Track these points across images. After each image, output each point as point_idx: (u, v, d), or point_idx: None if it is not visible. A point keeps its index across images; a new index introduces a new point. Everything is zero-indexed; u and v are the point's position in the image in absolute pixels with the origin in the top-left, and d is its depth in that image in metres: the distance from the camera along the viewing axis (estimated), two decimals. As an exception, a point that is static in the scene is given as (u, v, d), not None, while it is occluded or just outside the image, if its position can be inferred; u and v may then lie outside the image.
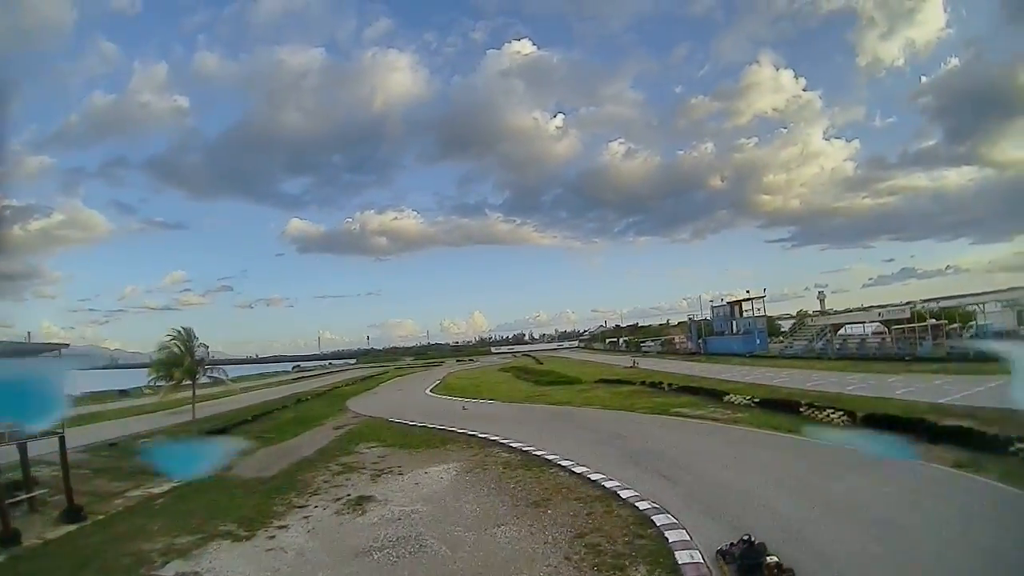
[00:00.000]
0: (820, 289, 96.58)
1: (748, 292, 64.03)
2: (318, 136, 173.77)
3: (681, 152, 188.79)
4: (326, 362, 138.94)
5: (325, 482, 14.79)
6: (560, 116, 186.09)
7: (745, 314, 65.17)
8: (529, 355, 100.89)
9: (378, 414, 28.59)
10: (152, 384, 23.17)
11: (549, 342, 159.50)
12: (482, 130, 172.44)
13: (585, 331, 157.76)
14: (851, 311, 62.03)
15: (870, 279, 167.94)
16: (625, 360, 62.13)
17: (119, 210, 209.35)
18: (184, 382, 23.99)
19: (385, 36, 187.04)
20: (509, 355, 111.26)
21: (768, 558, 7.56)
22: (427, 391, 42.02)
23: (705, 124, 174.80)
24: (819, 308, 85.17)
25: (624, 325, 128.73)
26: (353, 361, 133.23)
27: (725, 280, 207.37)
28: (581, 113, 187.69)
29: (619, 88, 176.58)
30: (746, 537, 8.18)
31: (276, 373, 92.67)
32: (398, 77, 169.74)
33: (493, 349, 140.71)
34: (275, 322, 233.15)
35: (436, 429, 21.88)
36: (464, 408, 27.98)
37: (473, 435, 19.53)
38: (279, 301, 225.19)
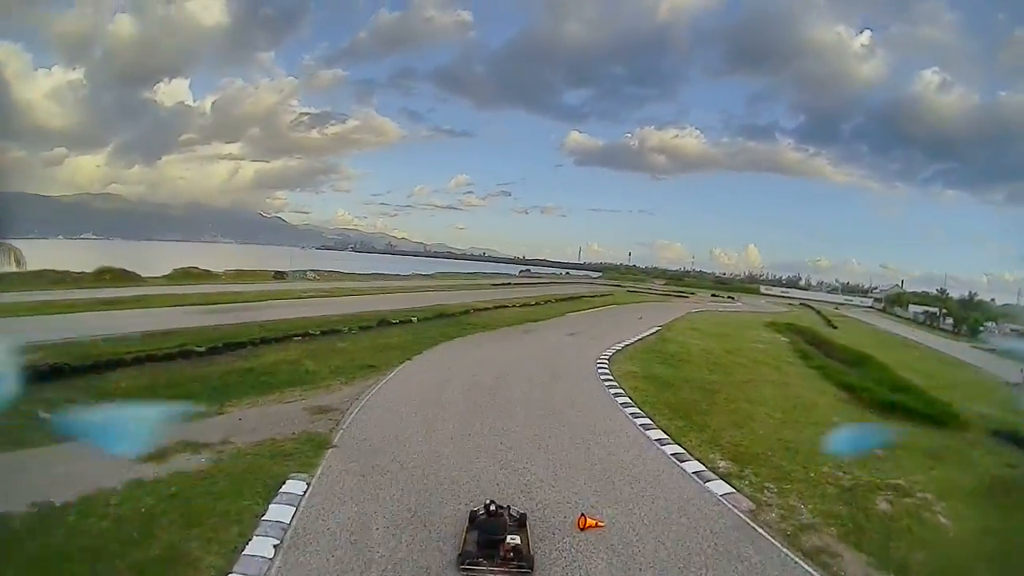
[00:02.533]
0: None
1: None
2: (600, 47, 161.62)
3: (1004, 93, 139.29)
4: (563, 271, 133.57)
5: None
6: (867, 33, 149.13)
7: None
8: (809, 306, 73.71)
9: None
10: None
11: (829, 292, 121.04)
12: (777, 43, 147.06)
13: (874, 287, 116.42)
14: None
15: None
16: (970, 357, 36.93)
17: (409, 117, 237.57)
18: None
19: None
20: (783, 301, 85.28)
21: (508, 539, 6.78)
22: (610, 349, 24.45)
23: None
24: None
25: (939, 291, 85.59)
26: (597, 275, 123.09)
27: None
28: (891, 32, 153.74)
29: (934, 6, 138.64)
30: (491, 506, 7.29)
31: (495, 275, 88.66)
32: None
33: (763, 289, 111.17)
34: (547, 229, 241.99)
35: None
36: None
37: None
38: (552, 209, 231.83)
